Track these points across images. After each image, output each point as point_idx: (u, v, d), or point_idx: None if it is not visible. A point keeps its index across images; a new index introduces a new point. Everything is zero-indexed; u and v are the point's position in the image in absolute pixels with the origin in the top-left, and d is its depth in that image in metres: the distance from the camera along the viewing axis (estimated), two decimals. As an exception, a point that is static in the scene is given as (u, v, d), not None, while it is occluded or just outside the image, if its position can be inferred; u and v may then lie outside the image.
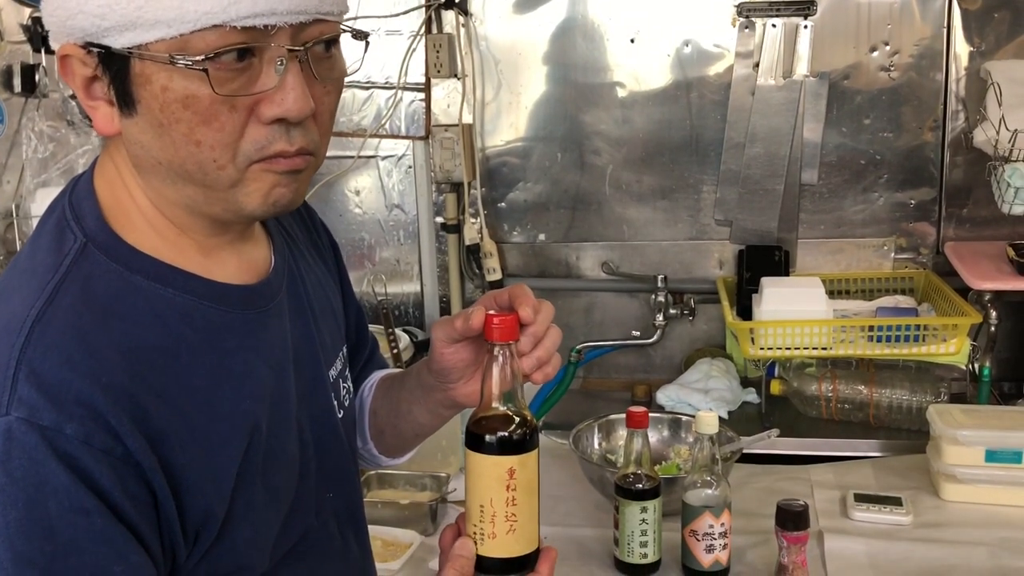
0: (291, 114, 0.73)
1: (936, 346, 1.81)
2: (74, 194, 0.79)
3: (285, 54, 0.73)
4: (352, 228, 2.32)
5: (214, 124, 0.72)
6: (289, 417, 0.85)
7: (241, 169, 0.75)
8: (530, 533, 0.82)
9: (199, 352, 0.76)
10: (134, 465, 0.69)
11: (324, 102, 0.78)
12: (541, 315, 0.86)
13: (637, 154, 2.18)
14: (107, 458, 0.68)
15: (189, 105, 0.72)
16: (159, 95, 0.72)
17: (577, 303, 2.27)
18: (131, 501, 0.69)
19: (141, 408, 0.70)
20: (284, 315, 0.87)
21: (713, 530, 1.34)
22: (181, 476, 0.73)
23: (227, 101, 0.72)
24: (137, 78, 0.72)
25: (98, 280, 0.74)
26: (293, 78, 0.73)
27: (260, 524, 0.80)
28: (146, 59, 0.71)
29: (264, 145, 0.74)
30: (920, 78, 2.06)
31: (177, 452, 0.72)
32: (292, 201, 0.79)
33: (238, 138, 0.74)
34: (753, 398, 2.00)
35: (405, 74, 2.19)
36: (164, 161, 0.75)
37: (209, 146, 0.73)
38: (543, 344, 0.86)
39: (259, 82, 0.73)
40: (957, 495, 1.56)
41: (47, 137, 1.76)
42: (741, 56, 2.09)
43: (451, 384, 0.92)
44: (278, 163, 0.76)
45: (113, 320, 0.73)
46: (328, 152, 0.82)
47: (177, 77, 0.71)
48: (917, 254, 2.13)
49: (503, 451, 0.81)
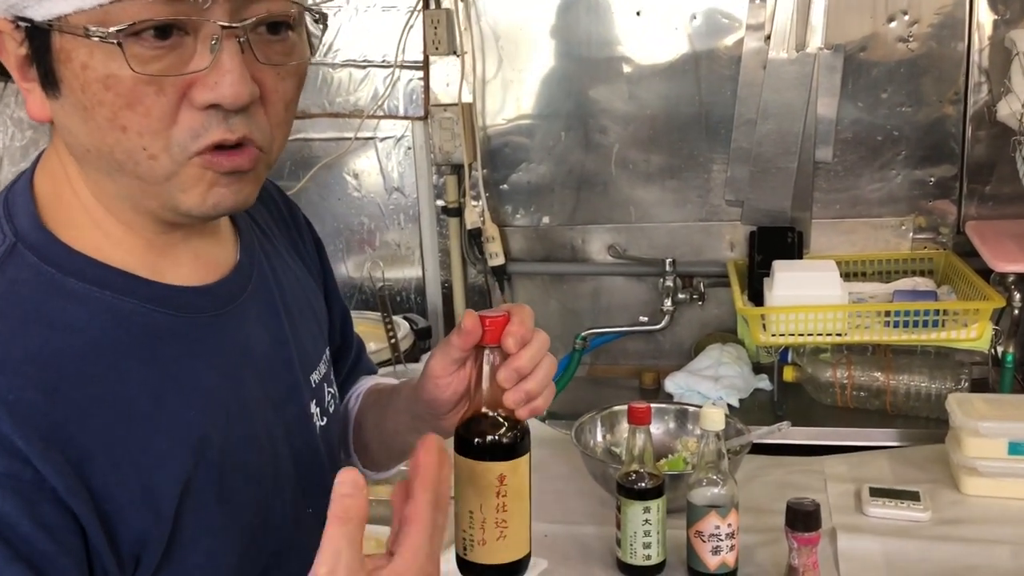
0: (225, 99, 0.66)
1: (956, 331, 1.73)
2: (11, 191, 0.74)
3: (219, 31, 0.65)
4: (351, 212, 2.26)
5: (138, 108, 0.66)
6: (253, 428, 0.78)
7: (178, 161, 0.68)
8: (521, 539, 0.79)
9: (137, 361, 0.70)
10: (48, 490, 0.63)
11: (276, 88, 0.70)
12: (529, 349, 0.78)
13: (644, 132, 2.10)
14: (12, 483, 0.62)
15: (110, 86, 0.65)
16: (79, 74, 0.65)
17: (583, 288, 2.20)
18: (44, 529, 0.63)
19: (58, 426, 0.64)
20: (248, 318, 0.80)
21: (719, 531, 1.28)
22: (111, 498, 0.66)
23: (153, 82, 0.65)
24: (58, 55, 0.66)
25: (24, 284, 0.68)
26: (229, 59, 0.66)
27: (217, 546, 0.74)
28: (65, 33, 0.65)
29: (199, 133, 0.67)
30: (941, 48, 1.96)
31: (107, 472, 0.66)
32: (236, 203, 0.71)
33: (169, 124, 0.67)
34: (765, 385, 1.94)
35: (402, 52, 2.12)
36: (92, 148, 0.69)
37: (136, 132, 0.66)
38: (534, 377, 0.78)
39: (192, 62, 0.66)
40: (978, 489, 1.49)
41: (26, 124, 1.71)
42: (752, 28, 2.01)
43: (442, 415, 0.86)
44: (219, 162, 0.69)
45: (34, 328, 0.66)
46: (325, 134, 0.76)
47: (97, 54, 0.64)
48: (937, 234, 2.04)
49: (493, 457, 0.76)
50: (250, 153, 0.70)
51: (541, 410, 0.81)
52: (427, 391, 0.85)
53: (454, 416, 0.85)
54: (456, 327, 0.80)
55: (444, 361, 0.82)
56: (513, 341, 0.78)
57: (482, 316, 0.79)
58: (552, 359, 0.81)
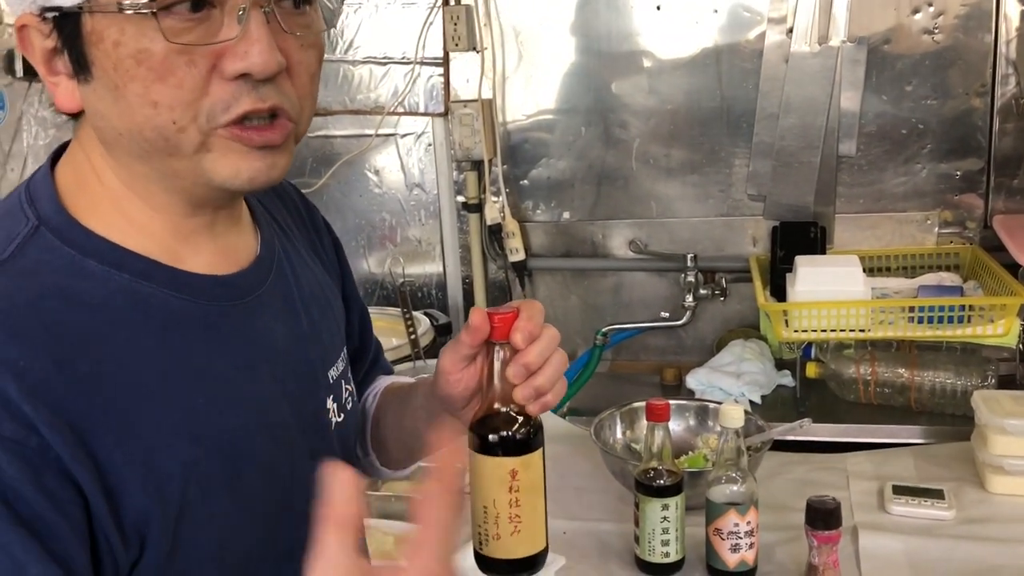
0: (255, 68, 0.67)
1: (983, 327, 1.71)
2: (33, 179, 0.75)
3: (247, 2, 0.67)
4: (372, 208, 2.26)
5: (170, 80, 0.67)
6: (266, 421, 0.79)
7: (205, 131, 0.69)
8: (536, 533, 0.79)
9: (149, 341, 0.71)
10: (53, 458, 0.64)
11: (300, 59, 0.72)
12: (537, 345, 0.78)
13: (665, 127, 2.09)
14: (18, 448, 0.62)
15: (142, 60, 0.66)
16: (111, 52, 0.67)
17: (604, 283, 2.19)
18: (46, 496, 0.63)
19: (67, 397, 0.65)
20: (266, 311, 0.81)
21: (739, 529, 1.27)
22: (116, 473, 0.67)
23: (184, 52, 0.66)
24: (89, 36, 0.67)
25: (45, 263, 0.69)
26: (257, 28, 0.67)
27: (229, 534, 0.74)
28: (96, 12, 0.66)
29: (230, 103, 0.68)
30: (967, 40, 1.93)
31: (110, 447, 0.67)
32: (270, 178, 0.72)
33: (200, 96, 0.68)
34: (788, 381, 1.92)
35: (422, 48, 2.12)
36: (124, 131, 0.70)
37: (168, 106, 0.67)
38: (543, 372, 0.79)
39: (220, 33, 0.67)
40: (1004, 488, 1.46)
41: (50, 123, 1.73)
42: (774, 22, 1.99)
43: (457, 411, 0.87)
44: (249, 137, 0.70)
45: (49, 302, 0.68)
46: (346, 131, 0.77)
47: (129, 29, 0.66)
48: (963, 228, 2.01)
49: (505, 452, 0.77)
50: (282, 127, 0.71)
51: (551, 405, 0.81)
52: (440, 387, 0.85)
53: (469, 412, 0.86)
54: (465, 324, 0.81)
55: (454, 357, 0.83)
56: (521, 337, 0.78)
57: (490, 313, 0.79)
58: (562, 355, 0.81)
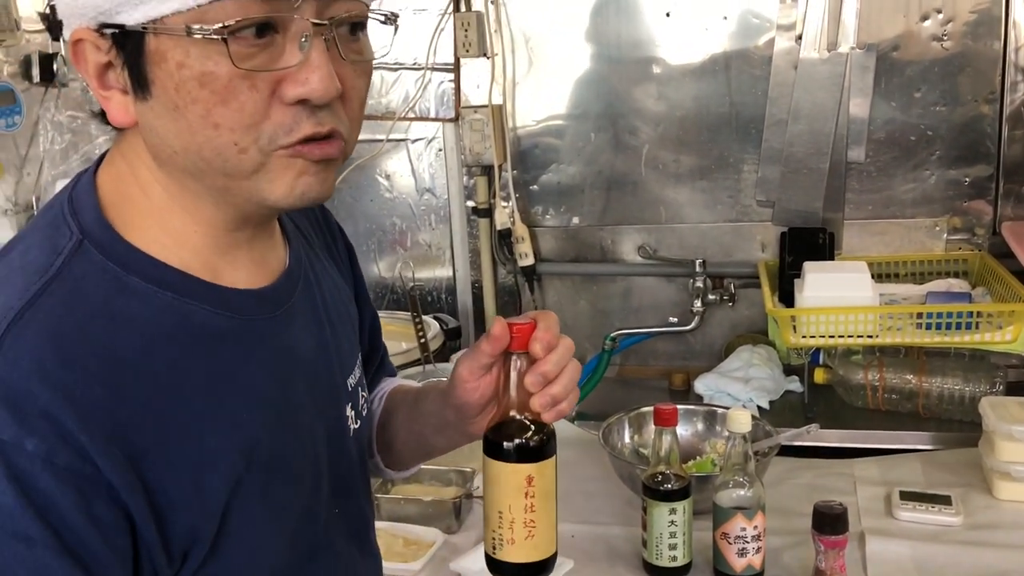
0: (316, 94, 0.68)
1: (991, 333, 1.71)
2: (75, 189, 0.75)
3: (310, 29, 0.67)
4: (383, 213, 2.28)
5: (233, 104, 0.67)
6: (298, 431, 0.80)
7: (266, 153, 0.70)
8: (548, 538, 0.82)
9: (195, 360, 0.72)
10: (105, 486, 0.65)
11: (354, 86, 0.72)
12: (555, 354, 0.80)
13: (674, 133, 2.10)
14: (71, 477, 0.63)
15: (206, 83, 0.67)
16: (174, 73, 0.67)
17: (613, 288, 2.20)
18: (95, 526, 0.64)
19: (120, 423, 0.66)
20: (295, 322, 0.82)
21: (745, 533, 1.28)
22: (164, 495, 0.68)
23: (247, 78, 0.67)
24: (152, 56, 0.68)
25: (91, 280, 0.70)
26: (318, 55, 0.68)
27: (260, 543, 0.76)
28: (161, 34, 0.66)
29: (291, 128, 0.69)
30: (976, 47, 1.94)
31: (161, 469, 0.68)
32: (321, 193, 0.73)
33: (260, 120, 0.68)
34: (796, 387, 1.93)
35: (434, 54, 2.13)
36: (180, 149, 0.70)
37: (229, 128, 0.68)
38: (559, 381, 0.80)
39: (282, 59, 0.68)
40: (1012, 494, 1.47)
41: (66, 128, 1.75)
42: (783, 28, 1.99)
43: (470, 419, 0.87)
44: (310, 150, 0.70)
45: (99, 323, 0.68)
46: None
47: (194, 52, 0.66)
48: (972, 235, 2.02)
49: (521, 459, 0.80)
50: (338, 144, 0.72)
51: (566, 413, 0.83)
52: (456, 395, 0.86)
53: (482, 420, 0.87)
54: (485, 333, 0.82)
55: (472, 366, 0.84)
56: (540, 346, 0.80)
57: (510, 323, 0.81)
58: (577, 364, 0.83)
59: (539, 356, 0.80)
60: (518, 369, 0.81)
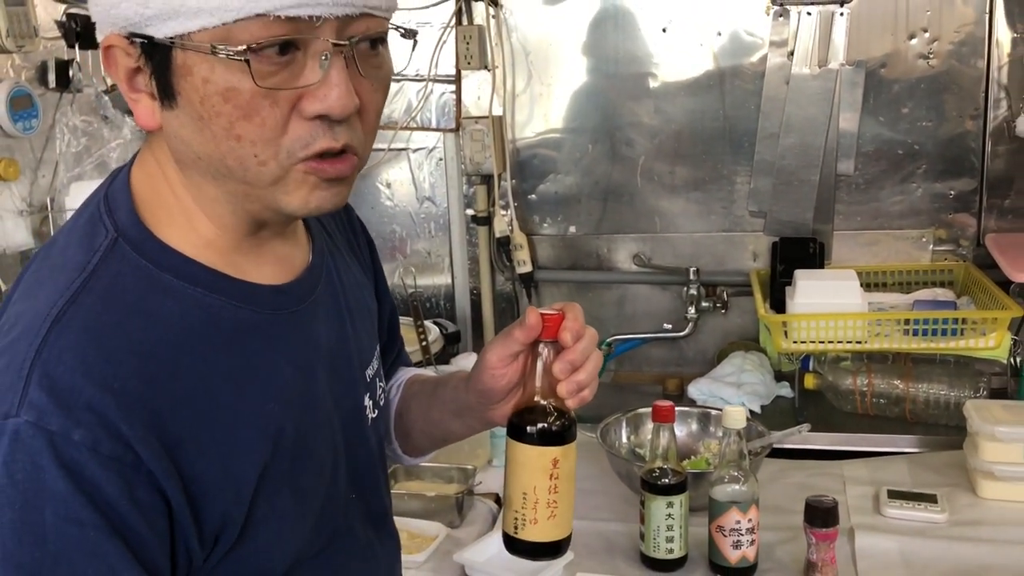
0: (334, 111, 0.71)
1: (975, 340, 1.77)
2: (111, 187, 0.79)
3: (330, 48, 0.71)
4: (383, 221, 2.32)
5: (255, 119, 0.71)
6: (319, 420, 0.84)
7: (285, 167, 0.73)
8: (567, 519, 0.86)
9: (224, 354, 0.76)
10: (146, 473, 0.69)
11: (371, 100, 0.76)
12: (582, 343, 0.84)
13: (669, 145, 2.16)
14: (116, 465, 0.67)
15: (230, 98, 0.70)
16: (200, 87, 0.70)
17: (608, 295, 2.25)
18: (139, 509, 0.68)
19: (156, 414, 0.70)
20: (318, 315, 0.86)
21: (740, 526, 1.33)
22: (198, 482, 0.72)
23: (268, 95, 0.70)
24: (179, 69, 0.71)
25: (126, 277, 0.73)
26: (337, 73, 0.71)
27: (285, 528, 0.80)
28: (188, 49, 0.70)
29: (308, 142, 0.72)
30: (961, 65, 2.01)
31: (194, 457, 0.72)
32: (335, 205, 0.77)
33: (280, 134, 0.72)
34: (787, 392, 1.98)
35: (435, 66, 2.19)
36: (204, 156, 0.74)
37: (250, 141, 0.72)
38: (585, 368, 0.85)
39: (302, 76, 0.71)
40: (994, 493, 1.52)
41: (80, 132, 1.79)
42: (775, 45, 2.06)
43: (492, 405, 0.91)
44: (324, 170, 0.74)
45: (136, 320, 0.72)
46: None
47: (219, 68, 0.70)
48: (957, 246, 2.08)
49: (548, 442, 0.84)
50: (351, 161, 0.76)
51: (588, 399, 0.86)
52: (482, 381, 0.89)
53: (503, 407, 0.90)
54: (519, 322, 0.86)
55: (503, 353, 0.87)
56: (570, 336, 0.84)
57: (541, 313, 0.85)
58: (599, 353, 0.87)
59: (568, 345, 0.84)
60: (545, 357, 0.85)
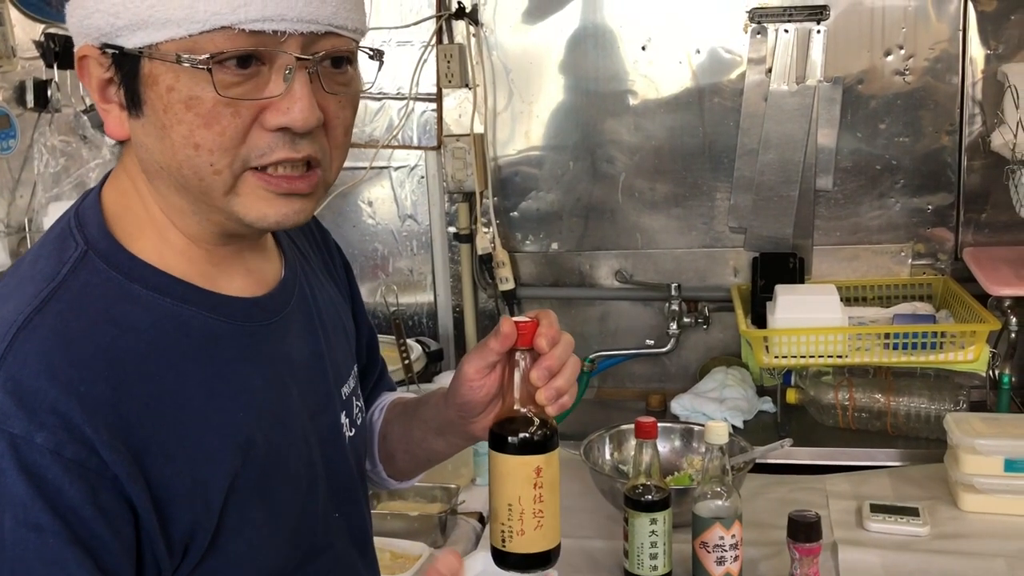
0: (296, 123, 0.73)
1: (954, 353, 1.78)
2: (82, 205, 0.80)
3: (293, 62, 0.72)
4: (365, 239, 2.32)
5: (215, 127, 0.72)
6: (293, 433, 0.84)
7: (236, 174, 0.74)
8: (554, 528, 0.85)
9: (193, 363, 0.76)
10: (110, 477, 0.68)
11: (337, 115, 0.77)
12: (558, 349, 0.85)
13: (650, 162, 2.17)
14: (79, 469, 0.67)
15: (192, 106, 0.72)
16: (164, 95, 0.72)
17: (591, 312, 2.26)
18: (103, 515, 0.68)
19: (123, 419, 0.70)
20: (290, 329, 0.86)
21: (724, 542, 1.33)
22: (165, 488, 0.72)
23: (230, 104, 0.72)
24: (146, 79, 0.73)
25: (95, 288, 0.74)
26: (300, 87, 0.73)
27: (258, 541, 0.79)
28: (155, 59, 0.72)
29: (265, 152, 0.74)
30: (936, 82, 2.03)
31: (161, 464, 0.71)
32: (297, 220, 0.78)
33: (238, 143, 0.73)
34: (769, 407, 1.98)
35: (416, 84, 2.19)
36: (164, 165, 0.75)
37: (208, 149, 0.73)
38: (563, 374, 0.85)
39: (266, 89, 0.73)
40: (975, 505, 1.53)
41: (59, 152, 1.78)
42: (754, 62, 2.08)
43: (473, 418, 0.91)
44: (277, 183, 0.75)
45: (104, 327, 0.72)
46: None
47: (183, 77, 0.71)
48: (935, 260, 2.10)
49: (530, 451, 0.84)
50: (313, 178, 0.77)
51: (568, 406, 0.87)
52: (461, 395, 0.90)
53: (484, 419, 0.91)
54: (493, 332, 0.86)
55: (479, 364, 0.88)
56: (545, 342, 0.84)
57: (516, 321, 0.85)
58: (576, 359, 0.87)
59: (544, 351, 0.84)
60: (522, 366, 0.85)
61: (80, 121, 1.79)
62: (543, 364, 0.84)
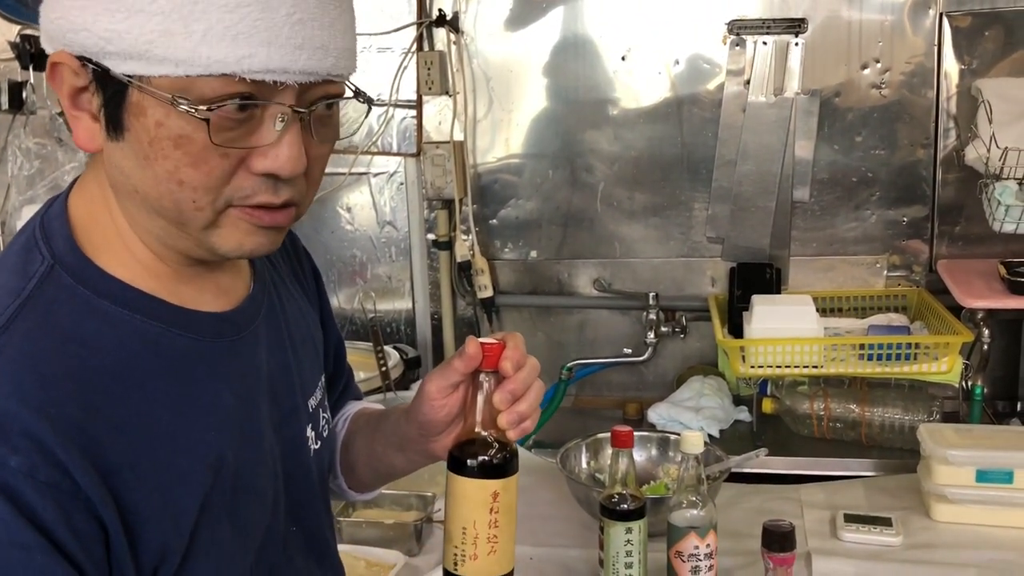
0: (283, 172, 0.72)
1: (928, 364, 1.80)
2: (47, 214, 0.78)
3: (288, 113, 0.72)
4: (344, 245, 2.31)
5: (202, 168, 0.71)
6: (260, 450, 0.83)
7: (218, 211, 0.73)
8: (509, 553, 0.84)
9: (162, 381, 0.75)
10: (83, 500, 0.67)
11: (318, 155, 0.77)
12: (523, 373, 0.84)
13: (629, 171, 2.18)
14: (52, 492, 0.66)
15: (181, 145, 0.70)
16: (151, 129, 0.70)
17: (569, 320, 2.26)
18: (76, 537, 0.67)
19: (94, 441, 0.69)
20: (259, 344, 0.85)
21: (699, 551, 1.33)
22: (136, 510, 0.71)
23: (220, 148, 0.71)
24: (132, 107, 0.71)
25: (62, 304, 0.72)
26: (291, 137, 0.72)
27: (226, 561, 0.78)
28: (146, 92, 0.69)
29: (248, 194, 0.73)
30: (911, 96, 2.05)
31: (132, 486, 0.70)
32: (269, 250, 0.78)
33: (223, 184, 0.72)
34: (745, 416, 1.99)
35: (397, 91, 2.19)
36: (141, 191, 0.73)
37: (192, 187, 0.72)
38: (526, 398, 0.84)
39: (257, 135, 0.72)
40: (948, 516, 1.54)
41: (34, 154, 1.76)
42: (732, 74, 2.09)
43: (433, 437, 0.90)
44: (260, 217, 0.74)
45: (72, 347, 0.71)
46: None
47: (174, 116, 0.69)
48: (910, 272, 2.12)
49: (488, 475, 0.82)
50: (289, 213, 0.76)
51: (529, 430, 0.86)
52: (422, 413, 0.89)
53: (445, 438, 0.89)
54: (458, 352, 0.85)
55: (442, 384, 0.87)
56: (510, 365, 0.83)
57: (481, 342, 0.84)
58: (541, 384, 0.87)
59: (508, 375, 0.83)
60: (486, 387, 0.84)
61: (56, 124, 1.77)
62: (507, 387, 0.83)
